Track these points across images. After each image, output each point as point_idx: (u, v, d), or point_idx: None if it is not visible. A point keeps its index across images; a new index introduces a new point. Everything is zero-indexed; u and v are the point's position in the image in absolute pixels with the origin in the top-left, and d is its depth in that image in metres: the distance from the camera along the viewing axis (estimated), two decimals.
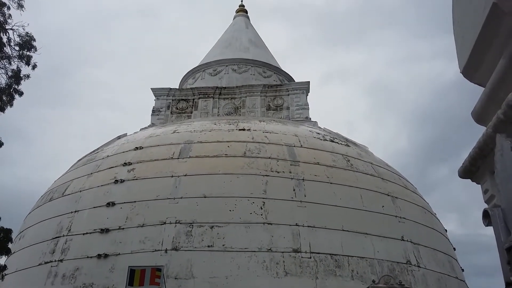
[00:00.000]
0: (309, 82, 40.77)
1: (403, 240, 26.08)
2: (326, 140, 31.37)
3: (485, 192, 4.69)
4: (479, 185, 5.07)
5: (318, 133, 32.61)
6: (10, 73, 17.69)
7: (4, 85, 17.38)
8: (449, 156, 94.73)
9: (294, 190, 25.73)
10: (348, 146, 31.92)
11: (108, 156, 30.18)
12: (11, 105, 17.83)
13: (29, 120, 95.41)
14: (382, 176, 29.37)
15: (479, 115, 4.74)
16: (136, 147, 29.52)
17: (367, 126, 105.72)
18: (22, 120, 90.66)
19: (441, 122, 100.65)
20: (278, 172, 26.54)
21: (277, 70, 45.46)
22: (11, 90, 17.62)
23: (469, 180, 5.33)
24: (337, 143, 31.51)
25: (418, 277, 25.23)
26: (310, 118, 38.26)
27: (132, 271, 16.46)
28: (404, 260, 25.34)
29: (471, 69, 4.67)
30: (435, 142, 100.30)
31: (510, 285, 3.52)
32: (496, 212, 3.81)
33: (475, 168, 4.74)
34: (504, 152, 3.86)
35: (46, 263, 25.02)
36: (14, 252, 24.56)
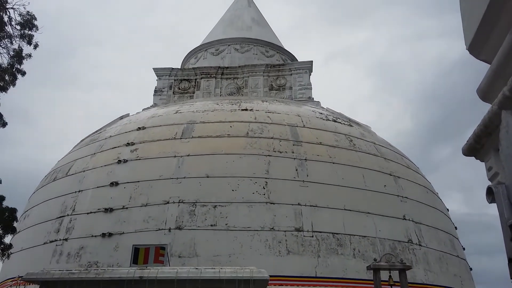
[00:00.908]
0: (312, 61, 40.46)
1: (405, 219, 26.25)
2: (329, 120, 31.29)
3: (489, 169, 4.67)
4: (483, 164, 5.05)
5: (321, 113, 32.51)
6: (12, 53, 17.58)
7: (6, 65, 17.28)
8: (453, 135, 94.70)
9: (296, 170, 25.81)
10: (351, 126, 31.86)
11: (111, 136, 30.24)
12: (14, 85, 17.74)
13: (32, 100, 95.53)
14: (384, 156, 29.40)
15: (485, 92, 4.69)
16: (138, 127, 29.54)
17: (370, 106, 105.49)
18: (25, 101, 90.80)
19: (445, 102, 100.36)
20: (280, 152, 26.58)
21: (280, 50, 45.06)
22: (14, 69, 17.53)
23: (473, 158, 5.32)
24: (340, 123, 31.45)
25: (419, 256, 25.49)
26: (313, 98, 38.09)
27: (136, 250, 16.61)
28: (406, 239, 25.56)
29: (478, 45, 4.61)
30: (439, 122, 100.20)
31: None
32: (500, 189, 3.81)
33: (480, 145, 4.71)
34: (509, 129, 3.83)
35: (51, 242, 25.35)
36: (19, 231, 24.85)
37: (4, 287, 25.67)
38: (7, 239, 17.25)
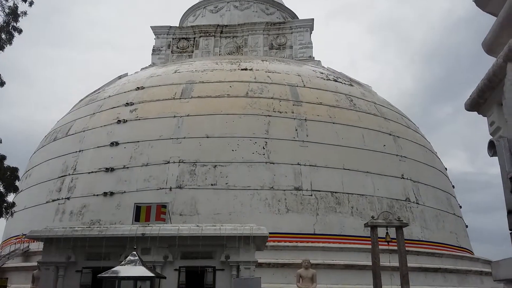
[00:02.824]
0: (313, 19, 39.61)
1: (403, 178, 26.54)
2: (329, 79, 31.02)
3: (491, 124, 4.66)
4: (485, 123, 5.03)
5: (322, 73, 32.19)
6: (7, 10, 17.13)
7: (2, 23, 16.87)
8: (455, 95, 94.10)
9: (296, 130, 25.83)
10: (352, 85, 31.62)
11: (109, 96, 30.05)
12: (11, 44, 17.40)
13: (29, 59, 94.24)
14: (384, 115, 29.35)
15: (490, 45, 4.62)
16: (137, 87, 29.31)
17: (372, 66, 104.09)
18: (23, 60, 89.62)
19: (448, 60, 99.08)
20: (280, 112, 26.51)
21: (281, 7, 44.01)
22: (10, 27, 17.13)
23: (475, 114, 5.30)
24: (341, 82, 31.19)
25: (416, 214, 25.95)
26: (314, 57, 37.59)
27: (138, 208, 16.82)
28: (403, 197, 25.94)
29: None
30: (440, 81, 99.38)
31: None
32: (502, 142, 3.81)
33: (483, 100, 4.68)
34: None
35: (53, 200, 25.71)
36: (21, 190, 25.11)
37: (8, 245, 26.24)
38: (10, 198, 17.45)
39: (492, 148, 4.06)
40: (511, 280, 4.11)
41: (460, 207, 31.51)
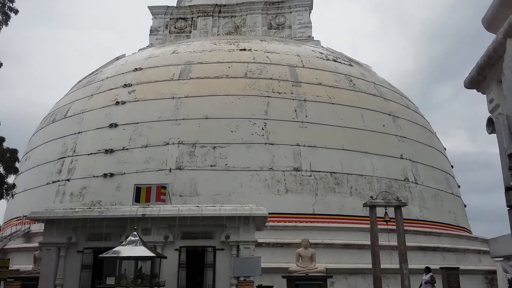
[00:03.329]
0: None
1: (402, 158, 26.61)
2: (328, 59, 30.80)
3: (490, 101, 4.65)
4: (484, 102, 5.01)
5: (321, 53, 31.94)
6: None
7: None
8: (455, 74, 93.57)
9: (295, 111, 25.77)
10: (351, 66, 31.42)
11: (107, 77, 29.87)
12: (7, 25, 17.21)
13: (26, 40, 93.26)
14: (384, 95, 29.25)
15: (490, 22, 4.57)
16: (135, 68, 29.10)
17: (372, 47, 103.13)
18: (19, 41, 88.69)
19: (448, 40, 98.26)
20: (279, 93, 26.40)
21: None
22: (5, 8, 16.90)
23: (475, 92, 5.27)
24: (340, 62, 30.98)
25: (415, 193, 26.10)
26: (313, 37, 37.24)
27: (138, 189, 16.88)
28: (402, 177, 26.05)
29: None
30: (441, 61, 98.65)
31: (510, 190, 3.60)
32: (501, 119, 3.80)
33: (482, 77, 4.65)
34: None
35: (53, 182, 25.80)
36: (21, 172, 25.18)
37: (9, 226, 26.43)
38: (10, 180, 17.49)
39: (490, 125, 4.05)
40: (509, 257, 4.15)
41: (459, 186, 31.68)
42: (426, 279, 14.91)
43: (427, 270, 15.26)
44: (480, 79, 4.74)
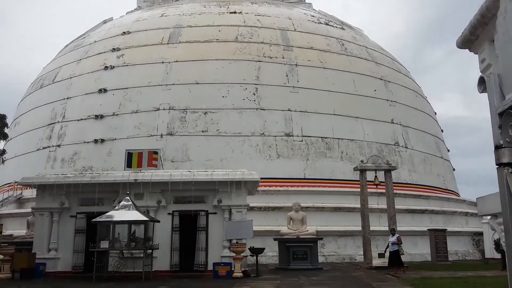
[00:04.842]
0: None
1: (393, 122, 26.75)
2: (320, 23, 30.36)
3: (482, 61, 4.62)
4: (476, 64, 4.99)
5: (313, 16, 31.44)
6: None
7: None
8: (447, 37, 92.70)
9: (287, 75, 25.57)
10: (343, 29, 31.03)
11: (95, 41, 29.23)
12: None
13: (7, 2, 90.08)
14: (376, 60, 29.07)
15: None
16: (123, 32, 28.47)
17: (363, 7, 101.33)
18: (1, 2, 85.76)
19: (440, 1, 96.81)
20: (271, 58, 26.10)
21: None
22: None
23: (467, 53, 5.24)
24: (332, 26, 30.57)
25: (405, 157, 26.41)
26: (305, 0, 36.57)
27: (129, 154, 16.83)
28: (393, 142, 26.27)
29: None
30: (433, 23, 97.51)
31: (499, 148, 3.63)
32: (492, 78, 3.79)
33: (474, 37, 4.61)
34: (507, 15, 3.71)
35: (44, 148, 25.65)
36: (11, 138, 24.93)
37: (1, 192, 26.43)
38: (0, 146, 17.38)
39: (482, 84, 4.04)
40: (496, 214, 4.23)
41: (448, 150, 32.07)
42: (392, 240, 15.41)
43: (392, 231, 15.88)
44: (472, 39, 4.69)
